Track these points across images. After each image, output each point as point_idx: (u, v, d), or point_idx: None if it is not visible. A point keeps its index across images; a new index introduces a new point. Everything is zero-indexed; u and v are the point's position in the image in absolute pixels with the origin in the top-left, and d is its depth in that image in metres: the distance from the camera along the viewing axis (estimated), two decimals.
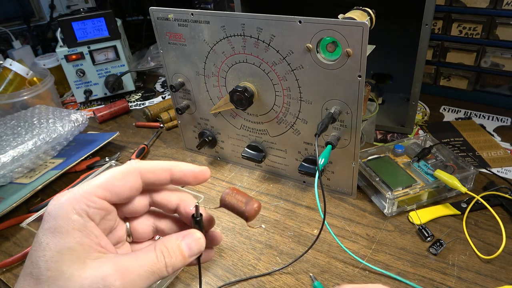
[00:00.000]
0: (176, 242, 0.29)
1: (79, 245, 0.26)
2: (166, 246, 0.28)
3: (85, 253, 0.26)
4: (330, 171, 0.63)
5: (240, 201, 0.30)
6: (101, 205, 0.28)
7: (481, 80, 0.88)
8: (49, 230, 0.26)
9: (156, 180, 0.31)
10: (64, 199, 0.27)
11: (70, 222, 0.26)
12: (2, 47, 1.18)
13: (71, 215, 0.26)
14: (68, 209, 0.26)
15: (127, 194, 0.29)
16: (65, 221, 0.26)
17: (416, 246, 0.54)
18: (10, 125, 0.79)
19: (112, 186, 0.29)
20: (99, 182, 0.28)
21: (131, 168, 0.30)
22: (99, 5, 1.28)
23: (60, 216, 0.26)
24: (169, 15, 0.63)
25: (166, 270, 0.28)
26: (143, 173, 0.30)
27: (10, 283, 0.54)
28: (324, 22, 0.50)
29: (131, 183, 0.29)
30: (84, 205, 0.27)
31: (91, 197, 0.27)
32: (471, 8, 0.82)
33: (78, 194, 0.27)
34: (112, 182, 0.29)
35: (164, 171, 0.31)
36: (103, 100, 1.07)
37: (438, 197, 0.61)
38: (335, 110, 0.55)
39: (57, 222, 0.26)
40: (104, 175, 0.29)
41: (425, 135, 0.71)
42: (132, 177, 0.29)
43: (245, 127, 0.68)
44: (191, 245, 0.29)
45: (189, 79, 0.69)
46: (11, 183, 0.70)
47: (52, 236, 0.26)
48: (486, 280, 0.49)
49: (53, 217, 0.26)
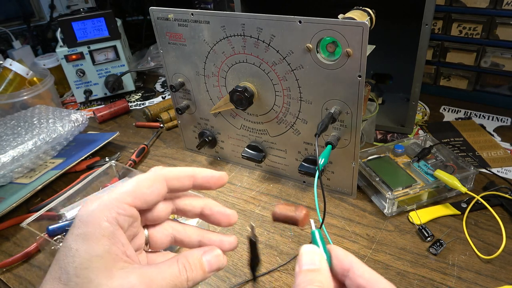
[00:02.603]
0: (198, 257, 0.30)
1: (107, 253, 0.26)
2: (188, 261, 0.29)
3: (113, 262, 0.26)
4: (330, 171, 0.63)
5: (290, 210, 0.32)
6: (130, 212, 0.28)
7: (481, 80, 0.88)
8: (80, 236, 0.26)
9: (180, 187, 0.31)
10: (95, 206, 0.27)
11: (100, 229, 0.26)
12: (2, 47, 1.18)
13: (101, 222, 0.27)
14: (99, 216, 0.27)
15: (154, 201, 0.30)
16: (95, 228, 0.26)
17: (416, 246, 0.54)
18: (10, 125, 0.79)
19: (141, 194, 0.29)
20: (129, 189, 0.29)
21: (157, 175, 0.30)
22: (99, 5, 1.28)
23: (91, 223, 0.26)
24: (169, 15, 0.63)
25: (187, 283, 0.28)
26: (168, 179, 0.31)
27: (10, 283, 0.54)
28: (324, 22, 0.50)
29: (158, 189, 0.30)
30: (114, 212, 0.27)
31: (121, 204, 0.28)
32: (471, 8, 0.82)
33: (109, 201, 0.28)
34: (141, 190, 0.29)
35: (187, 178, 0.31)
36: (103, 100, 1.07)
37: (438, 197, 0.61)
38: (335, 110, 0.55)
39: (88, 228, 0.26)
40: (132, 182, 0.30)
41: (425, 135, 0.71)
42: (159, 184, 0.30)
43: (245, 127, 0.68)
44: (211, 261, 0.30)
45: (189, 79, 0.69)
46: (11, 183, 0.70)
47: (82, 243, 0.26)
48: (486, 280, 0.49)
49: (84, 223, 0.27)
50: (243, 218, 0.62)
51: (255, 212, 0.63)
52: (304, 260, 0.28)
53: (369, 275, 0.28)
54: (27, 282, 0.54)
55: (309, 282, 0.26)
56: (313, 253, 0.28)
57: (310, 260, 0.28)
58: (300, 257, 0.28)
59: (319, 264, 0.28)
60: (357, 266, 0.29)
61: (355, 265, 0.29)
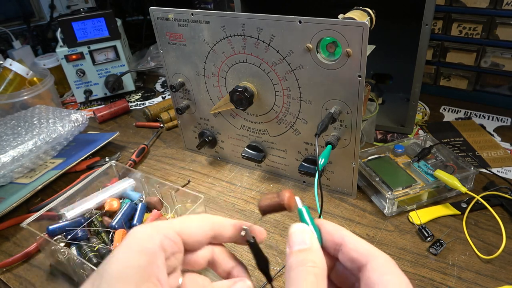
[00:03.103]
0: None
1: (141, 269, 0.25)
2: None
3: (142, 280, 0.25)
4: (330, 171, 0.63)
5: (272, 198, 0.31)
6: (176, 239, 0.28)
7: (481, 80, 0.88)
8: (123, 247, 0.26)
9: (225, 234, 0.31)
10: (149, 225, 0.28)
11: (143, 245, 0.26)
12: (2, 47, 1.18)
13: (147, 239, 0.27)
14: (148, 234, 0.27)
15: (199, 238, 0.30)
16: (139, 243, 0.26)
17: (416, 246, 0.54)
18: (10, 125, 0.79)
19: (189, 228, 0.29)
20: (180, 221, 0.29)
21: (206, 218, 0.31)
22: (99, 5, 1.28)
23: (138, 238, 0.27)
24: (169, 15, 0.63)
25: None
26: (214, 224, 0.30)
27: (10, 283, 0.54)
28: (324, 22, 0.50)
29: (204, 229, 0.30)
30: (162, 234, 0.27)
31: (170, 229, 0.28)
32: (471, 8, 0.82)
33: (160, 225, 0.28)
34: (189, 224, 0.29)
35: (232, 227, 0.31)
36: (103, 100, 1.07)
37: (438, 197, 0.61)
38: (335, 110, 0.55)
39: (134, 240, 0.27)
40: (182, 217, 0.30)
41: (425, 135, 0.71)
42: (207, 225, 0.30)
43: (245, 127, 0.68)
44: None
45: (189, 79, 0.69)
46: (11, 183, 0.70)
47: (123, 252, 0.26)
48: (486, 280, 0.49)
49: (132, 236, 0.27)
50: (243, 218, 0.62)
51: (255, 212, 0.63)
52: (294, 240, 0.27)
53: (363, 248, 0.27)
54: (27, 282, 0.54)
55: (301, 263, 0.26)
56: (303, 232, 0.27)
57: (300, 239, 0.27)
58: (290, 237, 0.27)
59: (310, 242, 0.27)
60: (349, 239, 0.28)
61: (347, 238, 0.28)
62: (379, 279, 0.25)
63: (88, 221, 0.56)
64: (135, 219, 0.57)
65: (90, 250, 0.52)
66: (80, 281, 0.53)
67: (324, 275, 0.26)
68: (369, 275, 0.25)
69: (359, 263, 0.26)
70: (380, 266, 0.26)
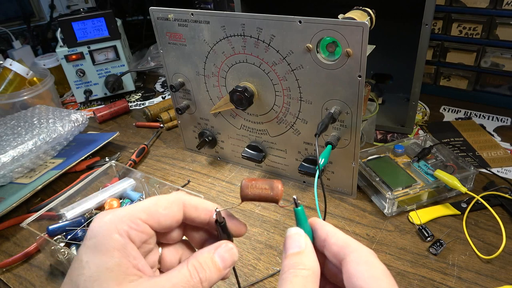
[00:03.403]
0: (208, 255, 0.28)
1: (117, 266, 0.25)
2: (198, 261, 0.28)
3: (122, 275, 0.25)
4: (330, 171, 0.63)
5: (264, 189, 0.30)
6: (143, 229, 0.27)
7: (481, 80, 0.88)
8: (90, 248, 0.26)
9: (196, 218, 0.30)
10: (108, 218, 0.27)
11: (111, 241, 0.26)
12: (2, 47, 1.18)
13: (112, 234, 0.26)
14: (111, 228, 0.26)
15: (168, 224, 0.29)
16: (106, 239, 0.26)
17: (416, 246, 0.54)
18: (10, 125, 0.79)
19: (156, 213, 0.28)
20: (144, 206, 0.28)
21: (176, 199, 0.29)
22: (99, 5, 1.28)
23: (102, 235, 0.26)
24: (169, 15, 0.63)
25: (202, 285, 0.27)
26: (186, 206, 0.30)
27: (10, 283, 0.54)
28: (324, 22, 0.50)
29: (174, 213, 0.29)
30: (126, 226, 0.27)
31: (134, 219, 0.27)
32: (471, 8, 0.82)
33: (121, 215, 0.27)
34: (157, 209, 0.28)
35: (205, 211, 0.30)
36: (103, 100, 1.07)
37: (438, 197, 0.61)
38: (335, 110, 0.55)
39: (98, 240, 0.26)
40: (149, 200, 0.29)
41: (425, 135, 0.71)
42: (176, 208, 0.29)
43: (245, 127, 0.68)
44: (224, 256, 0.29)
45: (189, 79, 0.69)
46: (11, 183, 0.70)
47: (92, 255, 0.25)
48: (486, 280, 0.49)
49: (94, 235, 0.26)
50: (243, 218, 0.62)
51: (255, 212, 0.63)
52: (288, 244, 0.27)
53: (342, 241, 0.27)
54: (27, 282, 0.54)
55: (292, 266, 0.26)
56: (298, 235, 0.28)
57: (294, 243, 0.27)
58: (285, 242, 0.28)
59: (304, 246, 0.27)
60: (331, 234, 0.28)
61: (330, 234, 0.28)
62: (355, 269, 0.25)
63: (88, 221, 0.56)
64: None
65: None
66: None
67: (314, 277, 0.26)
68: (347, 267, 0.26)
69: (339, 257, 0.27)
70: (356, 257, 0.26)
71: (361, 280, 0.24)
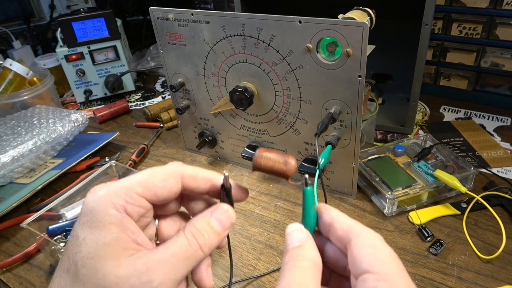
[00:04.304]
0: (205, 219, 0.28)
1: (115, 241, 0.25)
2: (195, 227, 0.27)
3: (121, 250, 0.25)
4: (330, 171, 0.63)
5: (277, 162, 0.29)
6: (139, 202, 0.27)
7: (481, 80, 0.88)
8: (86, 224, 0.25)
9: (195, 188, 0.29)
10: (102, 192, 0.26)
11: (107, 217, 0.25)
12: (2, 47, 1.18)
13: (108, 209, 0.25)
14: (106, 203, 0.26)
15: (165, 196, 0.28)
16: (102, 215, 0.25)
17: (416, 246, 0.54)
18: (10, 125, 0.79)
19: (153, 186, 0.27)
20: (140, 179, 0.27)
21: (173, 170, 0.29)
22: (99, 5, 1.28)
23: (98, 210, 0.25)
24: (169, 15, 0.63)
25: (202, 251, 0.27)
26: (184, 177, 0.29)
27: (10, 283, 0.54)
28: (324, 22, 0.50)
29: (171, 185, 0.28)
30: (122, 200, 0.26)
31: (130, 193, 0.26)
32: (471, 8, 0.82)
33: (117, 188, 0.26)
34: (153, 182, 0.28)
35: (205, 180, 0.30)
36: (103, 100, 1.07)
37: (438, 197, 0.61)
38: (335, 110, 0.55)
39: (94, 216, 0.25)
40: (145, 172, 0.28)
41: (425, 135, 0.71)
42: (173, 180, 0.28)
43: (245, 127, 0.68)
44: (221, 219, 0.28)
45: (189, 79, 0.69)
46: (11, 183, 0.70)
47: (89, 231, 0.25)
48: (486, 280, 0.49)
49: (90, 210, 0.25)
50: (243, 218, 0.62)
51: (255, 212, 0.63)
52: (289, 240, 0.27)
53: (347, 226, 0.27)
54: (27, 282, 0.54)
55: (292, 258, 0.26)
56: (298, 231, 0.27)
57: (295, 238, 0.27)
58: (286, 238, 0.28)
59: (304, 240, 0.27)
60: (337, 218, 0.27)
61: (335, 218, 0.28)
62: (360, 253, 0.25)
63: None
64: None
65: None
66: None
67: (314, 268, 0.26)
68: (351, 251, 0.25)
69: (344, 241, 0.26)
70: (361, 241, 0.25)
71: (366, 263, 0.24)
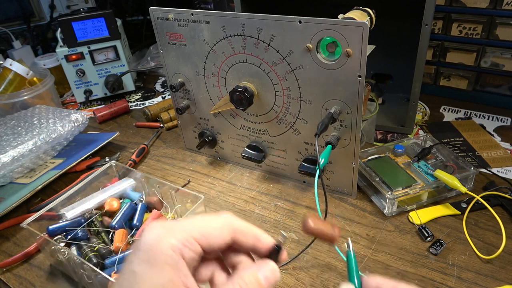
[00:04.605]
0: (254, 274, 0.29)
1: (169, 282, 0.26)
2: (244, 280, 0.28)
3: None
4: (330, 171, 0.63)
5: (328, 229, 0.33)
6: (195, 248, 0.28)
7: (481, 80, 0.88)
8: (145, 262, 0.26)
9: (243, 242, 0.30)
10: (162, 232, 0.27)
11: (164, 257, 0.26)
12: (2, 47, 1.18)
13: (166, 250, 0.26)
14: (165, 242, 0.26)
15: (218, 245, 0.29)
16: (159, 254, 0.26)
17: (416, 246, 0.54)
18: (10, 125, 0.79)
19: (208, 234, 0.29)
20: (198, 226, 0.28)
21: (227, 222, 0.30)
22: (99, 5, 1.28)
23: (156, 248, 0.26)
24: (169, 15, 0.63)
25: None
26: (235, 231, 0.30)
27: (10, 283, 0.54)
28: (324, 22, 0.50)
29: (225, 235, 0.29)
30: (180, 243, 0.27)
31: (188, 237, 0.27)
32: (471, 8, 0.82)
33: (177, 230, 0.27)
34: (209, 230, 0.29)
35: (253, 237, 0.31)
36: (103, 100, 1.07)
37: (438, 197, 0.61)
38: (335, 110, 0.55)
39: (153, 253, 0.26)
40: (202, 219, 0.29)
41: (425, 135, 0.71)
42: (227, 232, 0.29)
43: (245, 127, 0.68)
44: (268, 276, 0.29)
45: (189, 79, 0.69)
46: (11, 183, 0.70)
47: (148, 268, 0.26)
48: (486, 280, 0.49)
49: (148, 248, 0.26)
50: (243, 218, 0.61)
51: (255, 212, 0.63)
52: None
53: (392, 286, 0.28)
54: (27, 282, 0.54)
55: None
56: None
57: None
58: None
59: None
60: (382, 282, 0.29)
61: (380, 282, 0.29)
62: None
63: (88, 221, 0.56)
64: (135, 219, 0.57)
65: (90, 250, 0.52)
66: (80, 281, 0.53)
67: None
68: None
69: None
70: None
71: None
